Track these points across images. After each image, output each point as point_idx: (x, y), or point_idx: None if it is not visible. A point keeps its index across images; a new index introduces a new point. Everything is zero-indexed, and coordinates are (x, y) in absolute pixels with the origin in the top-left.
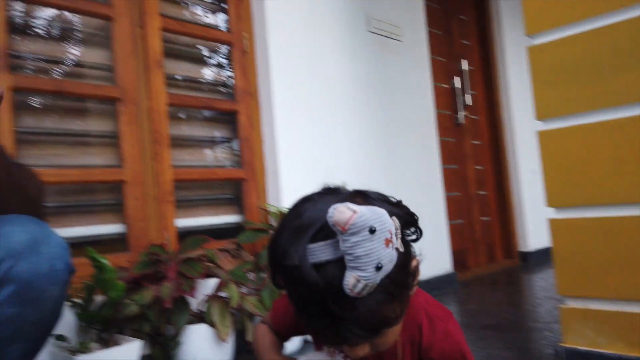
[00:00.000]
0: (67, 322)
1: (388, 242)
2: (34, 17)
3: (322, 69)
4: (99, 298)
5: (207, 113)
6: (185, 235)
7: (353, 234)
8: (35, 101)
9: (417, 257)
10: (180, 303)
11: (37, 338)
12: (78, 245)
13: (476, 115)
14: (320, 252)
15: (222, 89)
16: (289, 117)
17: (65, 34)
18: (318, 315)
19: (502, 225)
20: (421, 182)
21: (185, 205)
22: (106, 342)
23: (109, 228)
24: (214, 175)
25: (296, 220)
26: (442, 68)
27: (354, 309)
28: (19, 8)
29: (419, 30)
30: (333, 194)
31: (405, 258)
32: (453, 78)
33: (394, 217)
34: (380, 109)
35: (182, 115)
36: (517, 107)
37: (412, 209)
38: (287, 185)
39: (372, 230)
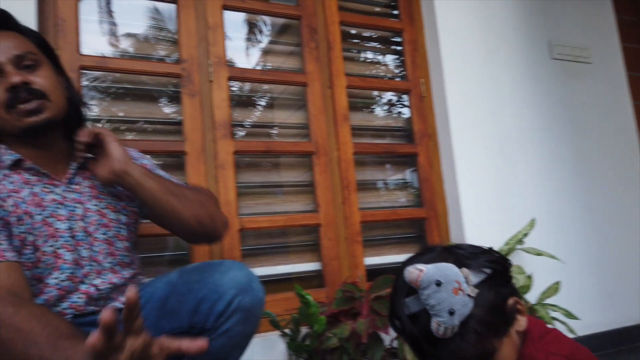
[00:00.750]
0: (279, 350)
1: (457, 290)
2: (247, 91)
3: (501, 104)
4: (303, 329)
5: (388, 157)
6: (374, 272)
7: (424, 288)
8: (248, 160)
9: (514, 297)
10: (375, 339)
11: (244, 346)
12: (284, 281)
13: None
14: (412, 304)
15: (401, 133)
16: (469, 155)
17: (270, 102)
18: (424, 354)
19: None
20: (627, 215)
21: (372, 244)
22: None
23: (308, 266)
24: (397, 216)
25: (399, 279)
26: None
27: (446, 347)
28: (237, 85)
29: (611, 47)
30: (427, 252)
31: (495, 299)
32: None
33: (463, 269)
34: (569, 138)
35: (366, 161)
36: None
37: (621, 249)
38: (470, 223)
39: (438, 284)
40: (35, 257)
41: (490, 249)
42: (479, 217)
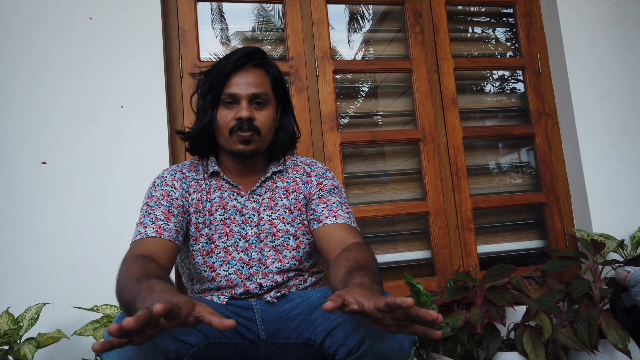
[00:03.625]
0: None
1: None
2: (349, 81)
3: (633, 75)
4: None
5: (501, 140)
6: (488, 261)
7: (632, 286)
8: (354, 150)
9: None
10: (490, 329)
11: None
12: (392, 270)
13: None
14: (626, 300)
15: (515, 114)
16: (594, 133)
17: (372, 90)
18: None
19: None
20: None
21: (485, 231)
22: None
23: (417, 254)
24: (512, 201)
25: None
26: None
27: None
28: (342, 78)
29: None
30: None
31: None
32: None
33: None
34: None
35: (477, 145)
36: None
37: None
38: (596, 208)
39: None
40: (209, 247)
41: None
42: (607, 201)
